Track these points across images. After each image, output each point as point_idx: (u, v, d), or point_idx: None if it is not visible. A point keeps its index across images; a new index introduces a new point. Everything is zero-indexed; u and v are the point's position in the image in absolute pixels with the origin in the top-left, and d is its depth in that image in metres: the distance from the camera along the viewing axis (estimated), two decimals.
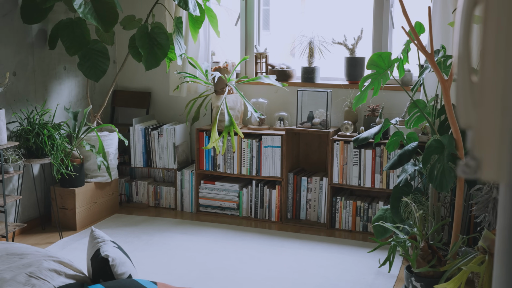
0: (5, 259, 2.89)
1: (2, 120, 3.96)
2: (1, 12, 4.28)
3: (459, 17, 0.95)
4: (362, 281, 3.72)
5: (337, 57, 4.97)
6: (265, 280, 3.64)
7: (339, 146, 4.60)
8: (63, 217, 4.67)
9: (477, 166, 0.91)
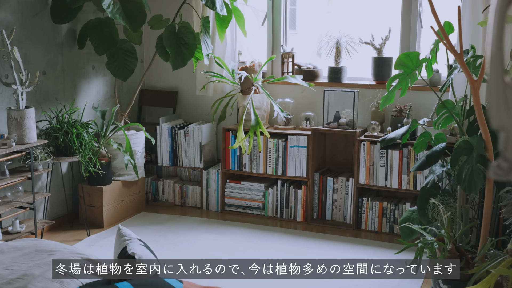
0: (34, 255, 2.93)
1: (32, 119, 4.01)
2: (32, 12, 4.34)
3: (492, 17, 0.94)
4: (388, 282, 3.69)
5: (364, 57, 4.94)
6: (290, 280, 3.63)
7: (365, 147, 4.57)
8: (90, 215, 4.73)
9: (509, 168, 0.89)
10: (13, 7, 4.17)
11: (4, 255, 2.94)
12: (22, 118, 3.95)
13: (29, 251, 2.98)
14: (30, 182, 4.12)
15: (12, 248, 3.03)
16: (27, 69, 4.17)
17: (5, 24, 4.10)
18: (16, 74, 3.99)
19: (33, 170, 4.07)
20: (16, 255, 2.94)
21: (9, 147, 3.84)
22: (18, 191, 4.02)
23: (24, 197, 4.07)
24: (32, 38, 4.36)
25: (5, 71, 4.13)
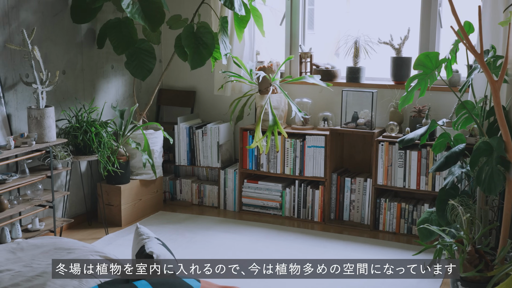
0: (53, 253, 2.96)
1: (51, 118, 4.05)
2: (52, 12, 4.38)
3: None
4: (406, 284, 3.67)
5: (383, 57, 4.91)
6: (308, 280, 3.63)
7: (384, 147, 4.55)
8: (109, 213, 4.76)
9: None
10: (34, 7, 4.21)
11: (24, 252, 2.98)
12: (42, 117, 3.99)
13: (48, 249, 3.01)
14: (50, 181, 4.16)
15: (31, 245, 3.06)
16: (47, 69, 4.21)
17: (26, 24, 4.14)
18: (37, 74, 4.03)
19: (53, 169, 4.11)
20: (35, 252, 2.98)
21: (29, 146, 3.88)
22: (38, 189, 4.06)
23: (44, 195, 4.11)
24: (52, 37, 4.40)
25: (26, 70, 4.17)
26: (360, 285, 3.64)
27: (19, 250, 3.00)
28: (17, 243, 3.09)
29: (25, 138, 3.90)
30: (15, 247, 3.03)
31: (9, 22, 4.03)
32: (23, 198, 4.06)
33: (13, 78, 4.10)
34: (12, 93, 4.10)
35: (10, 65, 4.07)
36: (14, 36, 4.07)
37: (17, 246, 3.05)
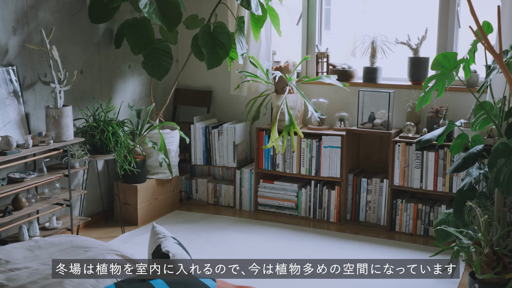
0: (70, 251, 2.98)
1: (69, 117, 4.08)
2: (70, 12, 4.41)
3: None
4: (423, 286, 3.64)
5: (400, 57, 4.89)
6: (324, 281, 3.61)
7: (400, 148, 4.52)
8: (125, 212, 4.78)
9: None
10: (52, 7, 4.24)
11: (42, 250, 3.00)
12: (60, 116, 4.02)
13: (66, 247, 3.04)
14: (67, 179, 4.19)
15: (49, 244, 3.08)
16: (65, 68, 4.24)
17: (44, 23, 4.18)
18: (55, 73, 4.07)
19: (70, 168, 4.14)
20: (53, 250, 3.00)
21: (47, 145, 3.92)
22: (55, 188, 4.09)
23: (61, 194, 4.14)
24: (70, 37, 4.43)
25: (44, 70, 4.20)
26: (377, 285, 3.62)
27: (37, 248, 3.02)
28: (35, 241, 3.11)
29: (43, 137, 3.93)
30: (33, 245, 3.06)
31: (28, 22, 4.06)
32: (40, 196, 4.10)
33: (31, 77, 4.13)
34: (31, 92, 4.14)
35: (28, 64, 4.10)
36: (33, 35, 4.10)
37: (35, 244, 3.07)
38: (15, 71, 3.98)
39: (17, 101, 3.99)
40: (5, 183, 3.74)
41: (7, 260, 2.84)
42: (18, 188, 3.74)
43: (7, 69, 3.93)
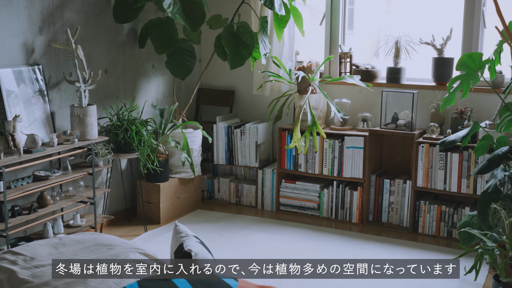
0: (94, 249, 3.01)
1: (93, 116, 4.12)
2: (95, 12, 4.46)
3: None
4: (448, 286, 3.62)
5: (424, 57, 4.85)
6: (345, 282, 3.60)
7: (424, 149, 4.49)
8: (148, 211, 4.82)
9: None
10: (77, 7, 4.29)
11: (66, 248, 3.03)
12: (85, 115, 4.06)
13: (89, 244, 3.06)
14: (91, 178, 4.23)
15: (73, 241, 3.11)
16: (90, 67, 4.28)
17: (70, 23, 4.22)
18: (80, 72, 4.11)
19: (94, 166, 4.18)
20: (77, 248, 3.03)
21: (71, 143, 3.96)
22: (80, 186, 4.14)
23: (85, 192, 4.19)
24: (95, 37, 4.47)
25: (69, 69, 4.25)
26: (398, 285, 3.60)
27: (61, 245, 3.05)
28: (59, 238, 3.15)
29: (67, 135, 3.97)
30: (57, 242, 3.09)
31: (54, 21, 4.11)
32: (65, 194, 4.14)
33: (57, 76, 4.19)
34: (56, 91, 4.19)
35: (54, 64, 4.15)
36: (59, 35, 4.15)
37: (59, 241, 3.10)
38: (41, 70, 4.04)
39: (43, 100, 4.04)
40: (30, 181, 3.80)
41: (32, 257, 2.87)
42: (43, 186, 3.79)
43: (33, 68, 3.99)
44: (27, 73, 3.94)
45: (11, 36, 3.82)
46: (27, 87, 3.92)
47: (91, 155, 4.14)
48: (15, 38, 3.85)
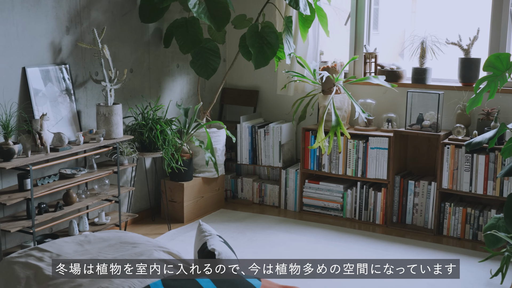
0: (118, 247, 3.04)
1: (119, 115, 4.16)
2: (121, 11, 4.50)
3: None
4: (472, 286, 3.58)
5: (451, 58, 4.80)
6: (368, 283, 3.59)
7: (449, 150, 4.44)
8: (171, 210, 4.84)
9: None
10: (104, 6, 4.33)
11: (91, 245, 3.07)
12: (110, 114, 4.10)
13: (114, 242, 3.09)
14: (116, 176, 4.27)
15: (98, 239, 3.15)
16: (115, 67, 4.32)
17: (96, 23, 4.27)
18: (106, 72, 4.15)
19: (119, 165, 4.22)
20: (102, 245, 3.06)
21: (97, 142, 4.00)
22: (105, 184, 4.18)
23: (110, 190, 4.22)
24: (121, 36, 4.51)
25: (95, 68, 4.29)
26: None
27: (87, 243, 3.09)
28: (85, 235, 3.18)
29: (93, 134, 4.01)
30: (83, 239, 3.13)
31: (81, 21, 4.16)
32: (90, 192, 4.19)
33: (83, 76, 4.23)
34: (82, 90, 4.23)
35: (80, 63, 4.20)
36: (85, 35, 4.20)
37: (85, 238, 3.14)
38: (68, 70, 4.08)
39: (69, 99, 4.09)
40: (57, 179, 3.84)
41: (58, 254, 2.91)
42: (69, 183, 3.83)
43: (60, 67, 4.03)
44: (54, 72, 3.99)
45: (39, 36, 3.88)
46: (54, 86, 3.97)
47: (116, 154, 4.18)
48: (43, 37, 3.90)
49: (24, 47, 3.78)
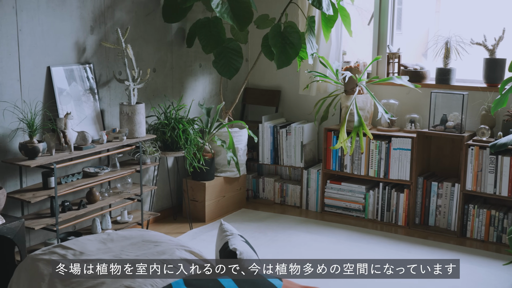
0: (141, 245, 3.06)
1: (142, 114, 4.18)
2: (145, 11, 4.52)
3: None
4: None
5: (475, 58, 4.74)
6: (390, 285, 3.56)
7: (474, 152, 4.39)
8: (193, 209, 4.86)
9: None
10: (128, 7, 4.36)
11: (114, 243, 3.09)
12: (133, 113, 4.13)
13: (137, 241, 3.11)
14: (139, 175, 4.30)
15: (121, 237, 3.17)
16: (139, 66, 4.35)
17: (120, 23, 4.30)
18: (129, 71, 4.18)
19: (142, 164, 4.24)
20: (124, 244, 3.08)
21: (120, 141, 4.03)
22: (127, 183, 4.20)
23: (133, 189, 4.25)
24: (144, 36, 4.54)
25: (119, 68, 4.33)
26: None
27: (109, 241, 3.11)
28: (108, 234, 3.21)
29: (116, 133, 4.04)
30: (106, 237, 3.15)
31: (105, 21, 4.19)
32: (113, 191, 4.22)
33: (107, 75, 4.26)
34: (106, 89, 4.27)
35: (104, 62, 4.23)
36: (109, 35, 4.23)
37: (108, 237, 3.16)
38: (92, 69, 4.12)
39: (93, 98, 4.12)
40: (80, 177, 3.88)
41: (81, 251, 2.94)
42: (92, 182, 3.87)
43: (84, 67, 4.07)
44: (78, 71, 4.02)
45: (64, 35, 3.92)
46: (78, 85, 4.01)
47: (139, 153, 4.21)
48: (68, 37, 3.94)
49: (49, 47, 3.83)
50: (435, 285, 3.62)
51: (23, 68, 3.67)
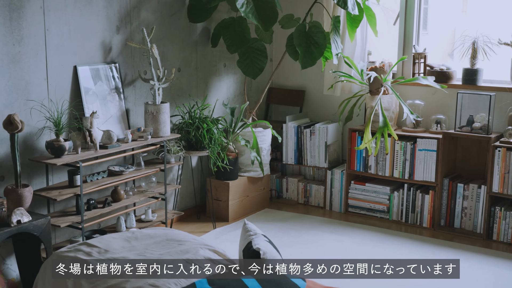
0: (165, 244, 3.07)
1: (166, 113, 4.20)
2: (170, 11, 4.55)
3: None
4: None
5: (503, 58, 4.68)
6: (413, 286, 3.53)
7: (501, 153, 4.33)
8: (216, 208, 4.87)
9: None
10: (153, 6, 4.39)
11: (138, 241, 3.11)
12: (158, 112, 4.15)
13: (161, 239, 3.13)
14: (163, 174, 4.32)
15: (145, 235, 3.19)
16: (164, 66, 4.37)
17: (145, 23, 4.33)
18: (154, 71, 4.20)
19: (166, 163, 4.26)
20: (148, 242, 3.10)
21: (145, 140, 4.05)
22: (152, 181, 4.23)
23: (157, 188, 4.27)
24: (169, 36, 4.56)
25: (144, 67, 4.35)
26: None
27: (134, 239, 3.13)
28: (132, 232, 3.23)
29: (141, 132, 4.07)
30: (130, 236, 3.17)
31: (131, 21, 4.22)
32: (138, 189, 4.25)
33: (132, 74, 4.30)
34: (131, 89, 4.30)
35: (130, 62, 4.26)
36: (135, 34, 4.26)
37: (132, 235, 3.19)
38: (117, 68, 4.15)
39: (118, 97, 4.15)
40: (105, 176, 3.91)
41: (106, 249, 2.96)
42: (117, 180, 3.90)
43: (110, 66, 4.11)
44: (103, 71, 4.06)
45: (90, 35, 3.95)
46: (103, 84, 4.04)
47: (163, 152, 4.23)
48: (94, 37, 3.98)
49: (76, 46, 3.87)
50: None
51: (50, 68, 3.71)
